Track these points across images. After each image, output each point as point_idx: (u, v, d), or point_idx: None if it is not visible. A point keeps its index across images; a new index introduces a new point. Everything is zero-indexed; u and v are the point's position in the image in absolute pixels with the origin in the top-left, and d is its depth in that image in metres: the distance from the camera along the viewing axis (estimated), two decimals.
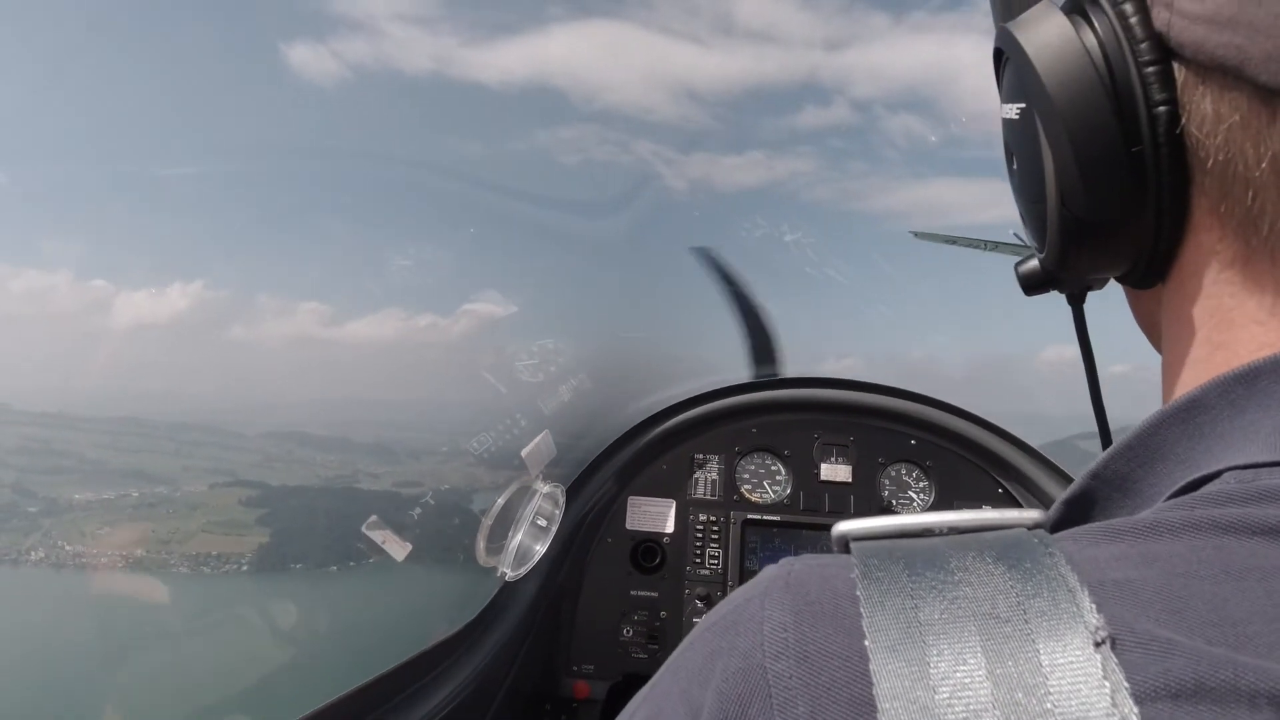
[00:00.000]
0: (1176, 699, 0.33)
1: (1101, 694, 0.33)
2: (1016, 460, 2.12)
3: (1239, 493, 0.40)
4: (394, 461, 2.19)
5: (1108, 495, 0.49)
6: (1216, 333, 0.49)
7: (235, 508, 1.94)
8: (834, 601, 0.40)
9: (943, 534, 0.44)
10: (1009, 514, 0.45)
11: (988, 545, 0.41)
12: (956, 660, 0.36)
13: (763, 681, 0.39)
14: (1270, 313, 0.46)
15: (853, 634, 0.38)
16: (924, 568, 0.40)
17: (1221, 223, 0.48)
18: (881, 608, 0.38)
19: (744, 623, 0.42)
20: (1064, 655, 0.35)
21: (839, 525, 0.46)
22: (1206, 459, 0.44)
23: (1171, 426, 0.47)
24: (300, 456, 2.10)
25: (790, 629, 0.40)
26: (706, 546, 2.16)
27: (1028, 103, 0.54)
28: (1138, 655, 0.34)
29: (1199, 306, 0.50)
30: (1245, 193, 0.45)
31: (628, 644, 2.11)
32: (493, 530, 1.92)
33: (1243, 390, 0.45)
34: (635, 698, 0.50)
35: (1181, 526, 0.39)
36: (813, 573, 0.43)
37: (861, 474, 2.19)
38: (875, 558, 0.42)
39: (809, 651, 0.39)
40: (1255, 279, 0.47)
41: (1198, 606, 0.36)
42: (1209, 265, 0.49)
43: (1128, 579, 0.38)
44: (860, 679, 0.37)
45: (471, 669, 1.73)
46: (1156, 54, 0.47)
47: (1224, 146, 0.45)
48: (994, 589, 0.38)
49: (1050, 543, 0.41)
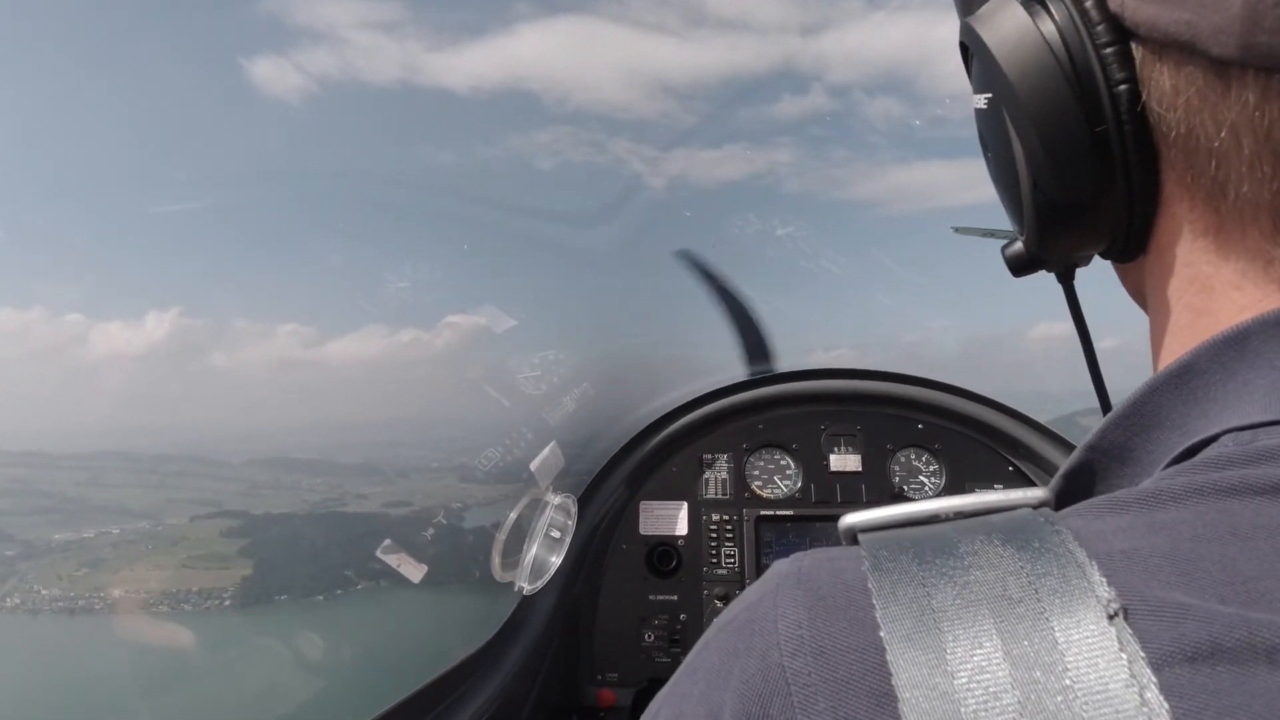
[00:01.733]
0: (1194, 662, 0.33)
1: (1119, 665, 0.33)
2: (1025, 437, 2.12)
3: (1238, 455, 0.40)
4: (384, 481, 2.19)
5: (1106, 465, 0.49)
6: (1198, 299, 0.50)
7: (217, 540, 1.93)
8: (846, 594, 0.40)
9: (949, 519, 0.44)
10: (1013, 494, 0.45)
11: (995, 528, 0.41)
12: (973, 644, 0.36)
13: (782, 680, 0.39)
14: (1244, 276, 0.47)
15: (867, 626, 0.38)
16: (933, 555, 0.40)
17: (1191, 194, 0.49)
18: (894, 598, 0.38)
19: (758, 621, 0.42)
20: (1079, 631, 0.35)
21: (845, 518, 0.46)
22: (1203, 423, 0.44)
23: (1165, 393, 0.47)
24: (286, 482, 2.09)
25: (805, 625, 0.40)
26: (722, 546, 2.16)
27: (993, 93, 0.55)
28: (1150, 623, 0.34)
29: (1179, 275, 0.51)
30: (1209, 163, 0.46)
31: (650, 649, 2.10)
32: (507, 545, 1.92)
33: (1233, 352, 0.45)
34: (655, 699, 0.50)
35: (1184, 492, 0.40)
36: (823, 567, 0.43)
37: (871, 462, 2.19)
38: (884, 548, 0.42)
39: (825, 646, 0.39)
40: (1228, 245, 0.48)
41: (1208, 569, 0.36)
42: (1184, 235, 0.50)
43: (1135, 548, 0.38)
44: (878, 670, 0.37)
45: (495, 686, 1.73)
46: (1114, 35, 0.48)
47: (1184, 119, 0.46)
48: (1004, 570, 0.38)
49: (1056, 520, 0.41)
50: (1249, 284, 0.47)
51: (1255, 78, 0.42)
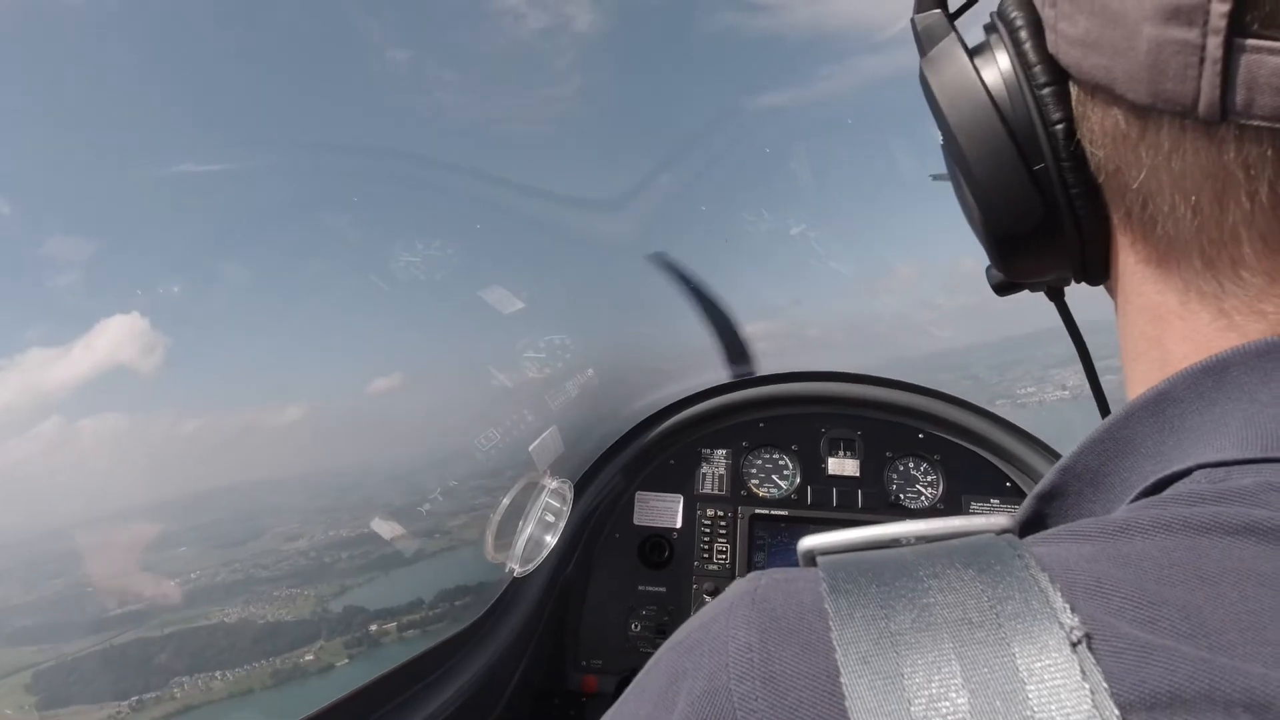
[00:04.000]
0: (1152, 710, 0.32)
1: (1082, 696, 0.33)
2: (1024, 454, 2.11)
3: (1210, 492, 0.40)
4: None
5: (1079, 490, 0.49)
6: (1150, 328, 0.51)
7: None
8: (800, 616, 0.39)
9: (910, 544, 0.44)
10: (976, 520, 0.44)
11: (956, 552, 0.41)
12: (931, 670, 0.35)
13: (728, 705, 0.38)
14: (1185, 306, 0.48)
15: (820, 650, 0.37)
16: (893, 578, 0.39)
17: (1130, 227, 0.50)
18: (850, 619, 0.38)
19: (708, 642, 0.41)
20: (1040, 659, 0.34)
21: (804, 540, 0.45)
22: (1177, 454, 0.44)
23: (1142, 420, 0.47)
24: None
25: (755, 649, 0.39)
26: (714, 541, 2.16)
27: (942, 134, 0.58)
28: (1113, 662, 0.34)
29: (1133, 303, 0.52)
30: (1136, 201, 0.47)
31: (636, 639, 2.11)
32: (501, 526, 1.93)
33: (1211, 383, 0.44)
34: (605, 716, 0.49)
35: (1153, 526, 0.39)
36: (779, 588, 0.42)
37: (869, 468, 2.18)
38: (843, 570, 0.41)
39: (775, 672, 0.38)
40: (1167, 277, 0.49)
41: (1170, 613, 0.35)
42: (1132, 265, 0.51)
43: (1099, 580, 0.37)
44: (829, 699, 0.36)
45: (479, 665, 1.74)
46: (1051, 75, 0.50)
47: (1112, 158, 0.47)
48: (965, 594, 0.37)
49: (1020, 546, 0.40)
50: (1190, 314, 0.48)
51: (1169, 122, 0.43)
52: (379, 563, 3.01)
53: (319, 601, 2.72)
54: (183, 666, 1.98)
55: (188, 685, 1.90)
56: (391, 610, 3.24)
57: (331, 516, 2.36)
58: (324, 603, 2.64)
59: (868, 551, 0.44)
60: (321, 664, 2.80)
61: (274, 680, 2.01)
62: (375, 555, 2.40)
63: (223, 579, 2.21)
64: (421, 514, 2.00)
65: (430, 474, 2.06)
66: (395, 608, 3.28)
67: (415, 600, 3.25)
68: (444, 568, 2.02)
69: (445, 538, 1.97)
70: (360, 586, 2.44)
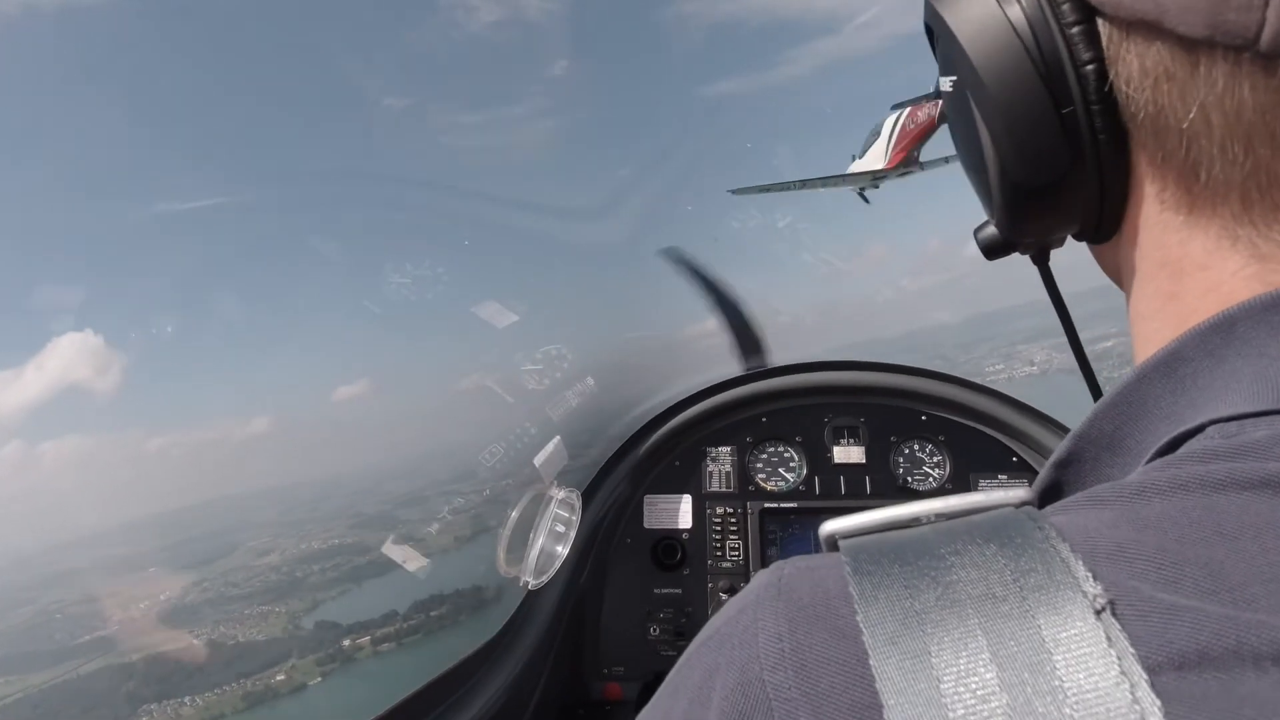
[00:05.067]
0: (1181, 669, 0.33)
1: (1108, 662, 0.33)
2: (1027, 427, 2.11)
3: (1223, 448, 0.40)
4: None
5: (1095, 455, 0.49)
6: (1168, 283, 0.49)
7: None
8: (826, 603, 0.40)
9: (930, 522, 0.44)
10: (994, 495, 0.44)
11: (977, 527, 0.41)
12: (958, 646, 0.35)
13: (762, 695, 0.38)
14: (1211, 255, 0.46)
15: (848, 635, 0.38)
16: (915, 557, 0.39)
17: (1161, 174, 0.48)
18: (875, 601, 0.38)
19: (738, 635, 0.42)
20: (1066, 628, 0.34)
21: (825, 525, 0.45)
22: (1190, 412, 0.44)
23: (1154, 381, 0.47)
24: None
25: (785, 638, 0.39)
26: (726, 539, 2.16)
27: (958, 76, 0.55)
28: (1138, 626, 0.34)
29: (1149, 258, 0.51)
30: (1179, 144, 0.45)
31: (655, 642, 2.10)
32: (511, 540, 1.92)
33: (1220, 339, 0.44)
34: (639, 717, 0.49)
35: (1170, 487, 0.39)
36: (803, 575, 0.42)
37: (875, 454, 2.18)
38: (865, 552, 0.41)
39: (806, 660, 0.38)
40: (1199, 225, 0.47)
41: (1193, 571, 0.35)
42: (1155, 216, 0.49)
43: (1120, 545, 0.37)
44: (860, 682, 0.36)
45: (501, 681, 1.73)
46: (1080, 14, 0.47)
47: (1153, 100, 0.45)
48: (988, 569, 0.37)
49: (1039, 517, 0.40)
50: (1216, 263, 0.46)
51: (1224, 56, 0.41)
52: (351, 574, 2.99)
53: (291, 618, 2.70)
54: (151, 694, 1.95)
55: (156, 713, 1.87)
56: (365, 624, 3.21)
57: (303, 529, 2.34)
58: (296, 619, 2.62)
59: (888, 532, 0.44)
60: (293, 684, 2.79)
61: (245, 703, 1.99)
62: (347, 567, 2.38)
63: (192, 599, 2.20)
64: (394, 520, 1.98)
65: (401, 482, 2.06)
66: (369, 621, 3.25)
67: (389, 612, 3.23)
68: (417, 578, 2.00)
69: (419, 545, 1.96)
70: (333, 600, 2.42)
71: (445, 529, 1.99)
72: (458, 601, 1.95)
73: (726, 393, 2.26)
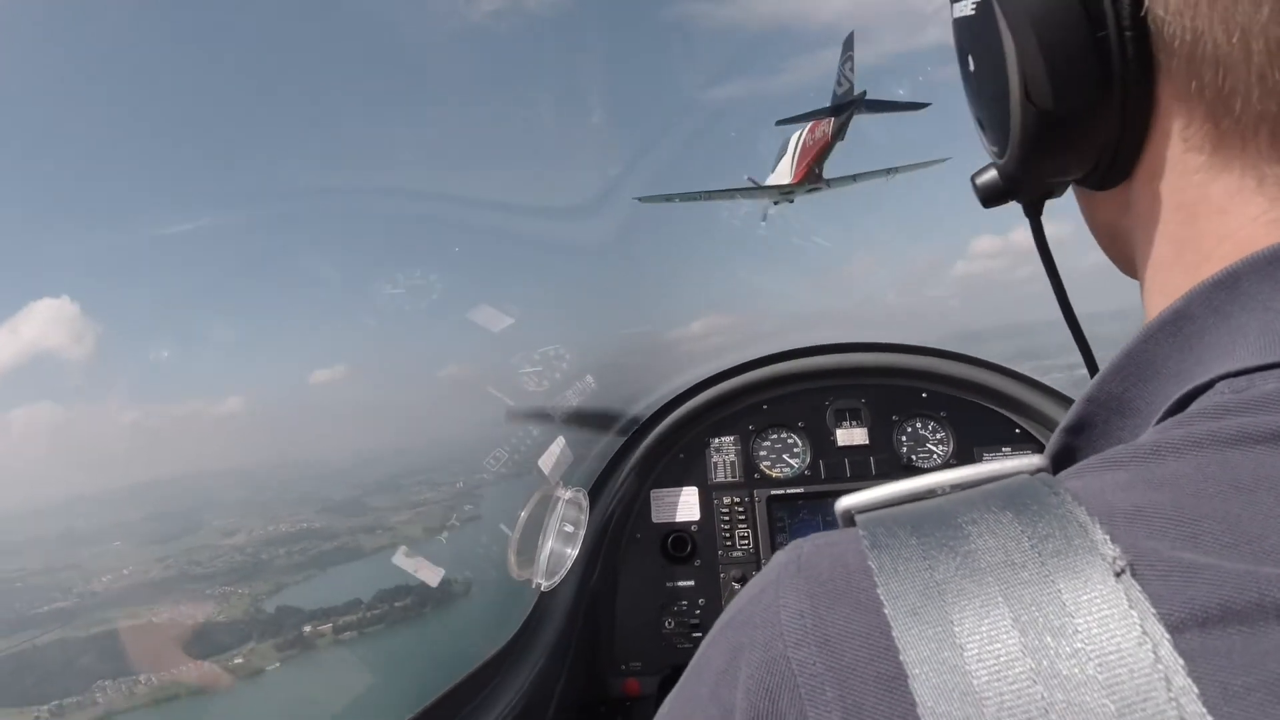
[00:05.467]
0: (1204, 626, 0.33)
1: (1129, 624, 0.33)
2: (1028, 397, 2.11)
3: (1234, 403, 0.40)
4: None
5: (1105, 418, 0.48)
6: (1182, 228, 0.48)
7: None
8: (846, 577, 0.40)
9: (945, 493, 0.44)
10: (1008, 463, 0.44)
11: (993, 496, 0.41)
12: (980, 615, 0.35)
13: (787, 671, 0.38)
14: (1233, 197, 0.46)
15: (870, 608, 0.38)
16: (933, 528, 0.40)
17: (1189, 107, 0.46)
18: (895, 574, 0.38)
19: (760, 614, 0.42)
20: (1086, 591, 0.34)
21: (841, 500, 0.45)
22: (1199, 369, 0.44)
23: (1161, 341, 0.46)
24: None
25: (808, 614, 0.39)
26: (735, 528, 2.16)
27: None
28: (1159, 586, 0.34)
29: (1166, 202, 0.49)
30: (1215, 73, 0.44)
31: (671, 636, 2.11)
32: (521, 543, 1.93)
33: (1225, 295, 0.44)
34: (664, 703, 0.49)
35: (1184, 445, 0.39)
36: (822, 552, 0.42)
37: (878, 435, 2.19)
38: (882, 526, 0.41)
39: (829, 635, 0.38)
40: (1224, 162, 0.46)
41: (1212, 526, 0.35)
42: (1176, 155, 0.48)
43: (1137, 506, 0.37)
44: (885, 654, 0.36)
45: (520, 683, 1.74)
46: None
47: (1191, 26, 0.44)
48: (1006, 537, 0.37)
49: (1054, 483, 0.40)
50: (1236, 206, 0.45)
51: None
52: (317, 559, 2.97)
53: (253, 600, 2.68)
54: (107, 669, 1.94)
55: (110, 690, 1.86)
56: (328, 610, 3.20)
57: (271, 511, 2.32)
58: (258, 602, 2.60)
59: (904, 505, 0.44)
60: (251, 668, 2.78)
61: (200, 685, 1.97)
62: (313, 552, 2.36)
63: (155, 575, 2.18)
64: (363, 507, 1.98)
65: (372, 469, 2.05)
66: (332, 608, 3.25)
67: (353, 600, 3.22)
68: (385, 566, 1.99)
69: (387, 534, 1.95)
70: (297, 584, 2.40)
71: (415, 519, 1.98)
72: (423, 593, 1.94)
73: (726, 382, 2.26)
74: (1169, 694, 0.31)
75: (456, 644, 1.78)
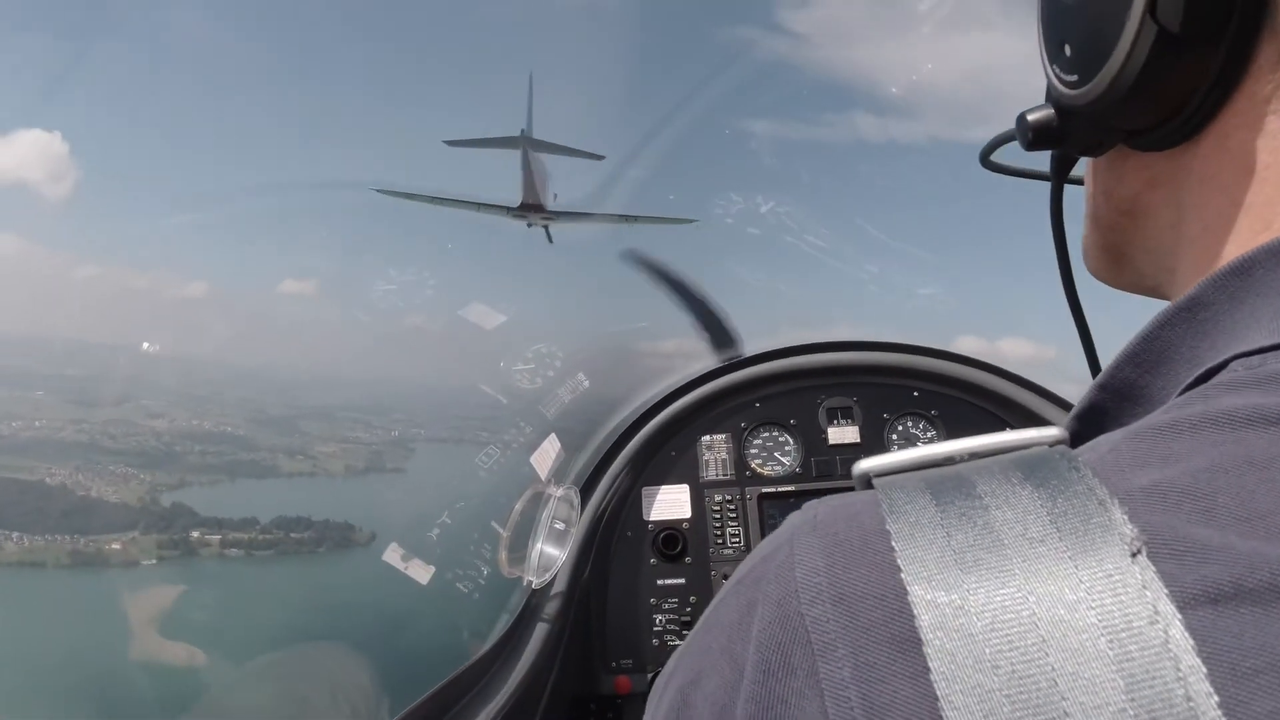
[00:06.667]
0: (1216, 603, 0.33)
1: (1143, 603, 0.33)
2: (1019, 396, 2.12)
3: (1249, 380, 0.40)
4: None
5: (1118, 405, 0.49)
6: (1244, 193, 0.47)
7: None
8: (863, 538, 0.40)
9: (963, 460, 0.44)
10: (1027, 433, 0.44)
11: (1012, 466, 0.41)
12: (996, 585, 0.36)
13: (801, 628, 0.38)
14: None
15: (887, 569, 0.38)
16: (951, 496, 0.40)
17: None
18: (913, 540, 0.38)
19: (774, 571, 0.42)
20: (1101, 568, 0.35)
21: (860, 463, 0.45)
22: (1211, 354, 0.44)
23: (1175, 327, 0.46)
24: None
25: (822, 572, 0.39)
26: (726, 526, 2.17)
27: None
28: (1173, 564, 0.34)
29: (1234, 164, 0.48)
30: None
31: (662, 633, 2.11)
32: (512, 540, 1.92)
33: (1239, 282, 0.44)
34: (671, 660, 0.49)
35: (1199, 420, 0.39)
36: (838, 513, 0.42)
37: (869, 433, 2.19)
38: (900, 490, 0.41)
39: (844, 593, 0.38)
40: None
41: (1226, 502, 0.36)
42: (1257, 116, 0.47)
43: (1154, 483, 0.37)
44: (900, 616, 0.36)
45: (511, 681, 1.73)
46: None
47: None
48: (1024, 510, 0.38)
49: (1074, 458, 0.40)
50: None
51: None
52: (229, 467, 2.92)
53: (151, 489, 2.64)
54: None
55: None
56: (221, 521, 3.17)
57: (201, 406, 2.28)
58: (156, 492, 2.55)
59: (923, 470, 0.44)
60: (127, 557, 2.75)
61: (70, 560, 1.93)
62: (229, 458, 2.31)
63: (66, 436, 2.13)
64: (294, 428, 1.95)
65: (313, 391, 2.02)
66: (226, 520, 3.22)
67: (249, 518, 3.20)
68: (293, 493, 1.97)
69: (308, 461, 1.92)
70: (200, 486, 2.34)
71: (339, 454, 1.97)
72: (324, 531, 1.93)
73: (718, 380, 2.26)
74: (1177, 673, 0.32)
75: (330, 595, 1.76)
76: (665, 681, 0.48)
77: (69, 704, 1.93)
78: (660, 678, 0.49)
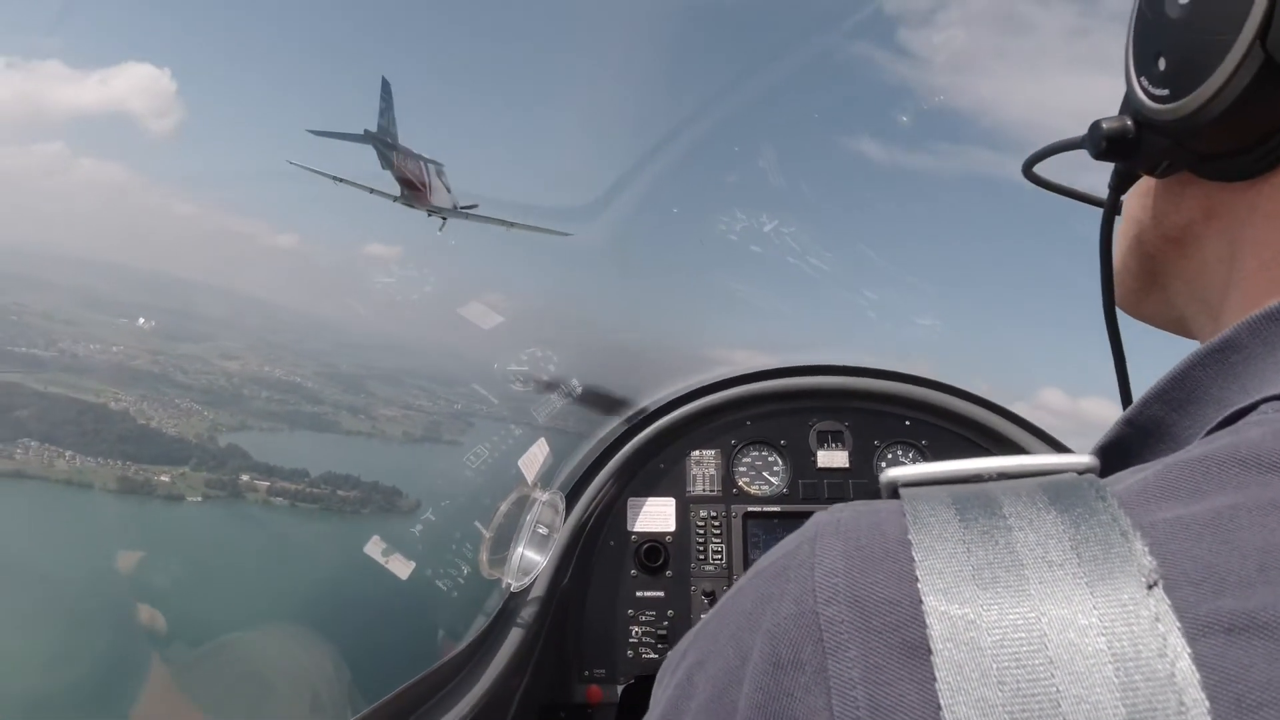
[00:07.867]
0: (1229, 634, 0.33)
1: (1154, 636, 0.34)
2: (1010, 432, 2.13)
3: (1278, 423, 0.40)
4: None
5: (1143, 442, 0.49)
6: None
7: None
8: (885, 546, 0.40)
9: (991, 479, 0.44)
10: (1059, 459, 0.44)
11: (1039, 490, 0.41)
12: (1010, 603, 0.36)
13: (814, 626, 0.39)
14: None
15: (905, 578, 0.38)
16: (976, 513, 0.40)
17: None
18: (934, 552, 0.38)
19: (794, 568, 0.42)
20: (1117, 597, 0.35)
21: (888, 471, 0.45)
22: (1240, 396, 0.44)
23: (1206, 368, 0.47)
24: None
25: (841, 574, 0.40)
26: (709, 542, 2.16)
27: None
28: (1189, 591, 0.34)
29: None
30: None
31: (637, 645, 2.10)
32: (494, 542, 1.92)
33: (1274, 328, 0.44)
34: (679, 644, 0.49)
35: (1227, 461, 0.39)
36: (862, 518, 0.43)
37: (858, 459, 2.19)
38: (925, 503, 0.41)
39: (860, 596, 0.39)
40: None
41: (1247, 539, 0.36)
42: None
43: (1178, 517, 0.37)
44: (913, 623, 0.37)
45: (482, 684, 1.72)
46: None
47: None
48: (1045, 534, 0.38)
49: (1102, 487, 0.40)
50: None
51: None
52: (290, 416, 2.88)
53: (211, 428, 2.60)
54: (39, 430, 1.89)
55: (34, 450, 1.80)
56: (272, 469, 3.13)
57: (275, 353, 2.27)
58: (214, 431, 2.51)
59: (950, 485, 0.44)
60: (173, 492, 2.70)
61: (118, 486, 1.91)
62: (291, 408, 2.28)
63: (140, 364, 2.11)
64: (360, 387, 1.95)
65: (386, 354, 2.02)
66: (277, 468, 3.17)
67: (300, 470, 3.14)
68: (348, 451, 1.97)
69: (368, 422, 1.90)
70: (260, 431, 2.31)
71: (400, 419, 1.96)
72: (370, 494, 1.91)
73: (711, 396, 2.26)
74: (1180, 706, 0.32)
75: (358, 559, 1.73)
76: (679, 659, 0.48)
77: (83, 627, 1.93)
78: (673, 653, 0.49)
